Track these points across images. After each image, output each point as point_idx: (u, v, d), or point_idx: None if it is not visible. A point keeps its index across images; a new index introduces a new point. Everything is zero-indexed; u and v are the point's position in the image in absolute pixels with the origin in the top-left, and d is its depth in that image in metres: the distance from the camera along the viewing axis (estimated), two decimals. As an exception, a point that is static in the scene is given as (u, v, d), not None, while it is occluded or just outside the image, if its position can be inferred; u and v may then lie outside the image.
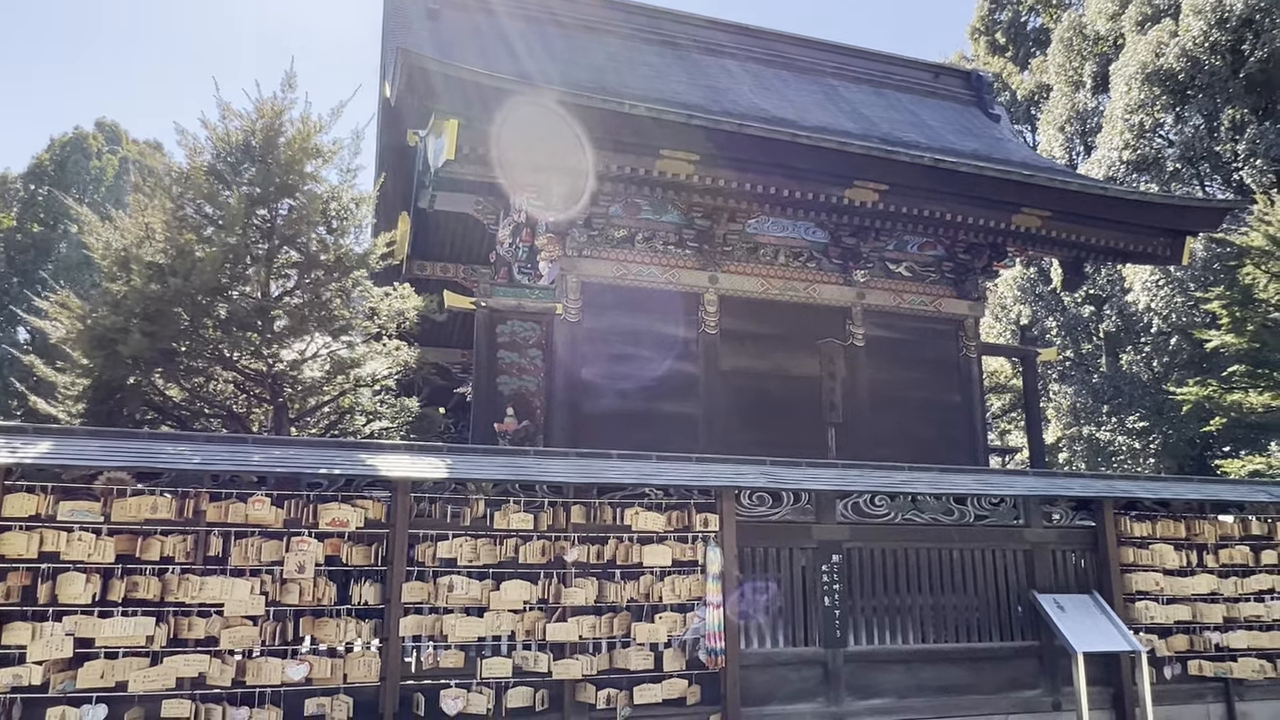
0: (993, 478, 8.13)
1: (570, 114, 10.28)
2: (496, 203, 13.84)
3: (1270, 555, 8.89)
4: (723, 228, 12.81)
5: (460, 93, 9.94)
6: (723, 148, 10.94)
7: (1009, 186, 11.98)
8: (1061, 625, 7.60)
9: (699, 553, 7.04)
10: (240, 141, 8.66)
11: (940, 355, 14.09)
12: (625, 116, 10.42)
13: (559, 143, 10.42)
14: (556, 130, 10.41)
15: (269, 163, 8.51)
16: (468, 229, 15.50)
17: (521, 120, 10.23)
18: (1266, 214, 13.45)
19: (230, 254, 7.95)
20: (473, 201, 14.44)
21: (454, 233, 15.71)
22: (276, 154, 8.53)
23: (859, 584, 7.69)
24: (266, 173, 8.46)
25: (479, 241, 15.69)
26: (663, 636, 6.81)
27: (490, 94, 9.97)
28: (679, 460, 7.44)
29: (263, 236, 8.50)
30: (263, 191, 8.44)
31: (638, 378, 12.42)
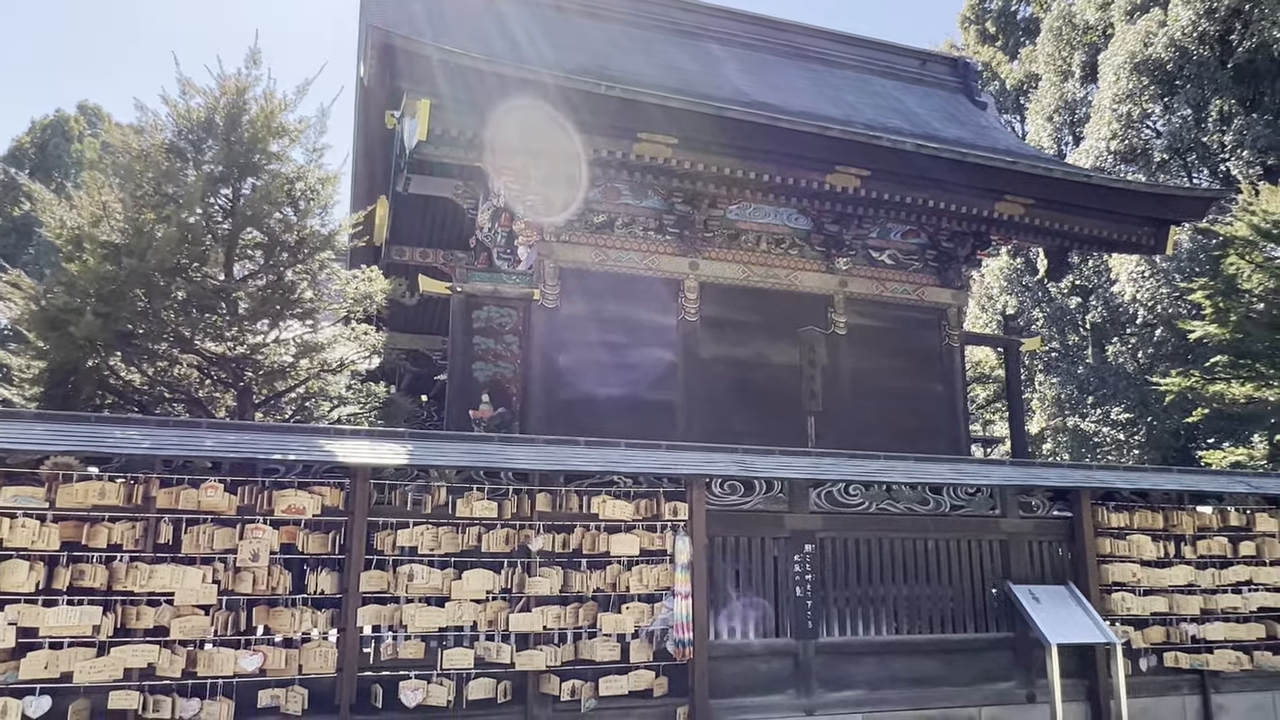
0: (969, 467, 8.01)
1: (544, 95, 10.09)
2: (476, 187, 13.63)
3: (1248, 546, 8.81)
4: (703, 213, 12.63)
5: (433, 72, 9.73)
6: (702, 131, 10.76)
7: (992, 173, 11.85)
8: (1036, 617, 7.50)
9: (668, 542, 6.89)
10: (202, 119, 8.43)
11: (923, 344, 13.97)
12: (601, 98, 10.23)
13: (534, 124, 10.23)
14: (531, 111, 10.21)
15: (232, 141, 8.28)
16: (448, 214, 15.29)
17: (495, 101, 10.03)
18: (1251, 204, 13.35)
19: (189, 233, 7.73)
20: (452, 186, 14.24)
21: (434, 218, 15.48)
22: (240, 132, 8.30)
23: (832, 574, 7.57)
24: (229, 151, 8.23)
25: (459, 227, 15.49)
26: (630, 627, 6.67)
27: (463, 74, 9.76)
28: (649, 448, 7.29)
29: (225, 216, 8.28)
30: (225, 170, 8.22)
31: (616, 365, 12.26)
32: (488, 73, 9.74)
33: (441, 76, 9.70)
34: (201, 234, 7.93)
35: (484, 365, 12.09)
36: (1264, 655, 8.59)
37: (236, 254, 8.44)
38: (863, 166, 11.42)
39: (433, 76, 9.69)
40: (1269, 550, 8.87)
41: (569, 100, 10.12)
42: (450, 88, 9.76)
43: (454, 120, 9.93)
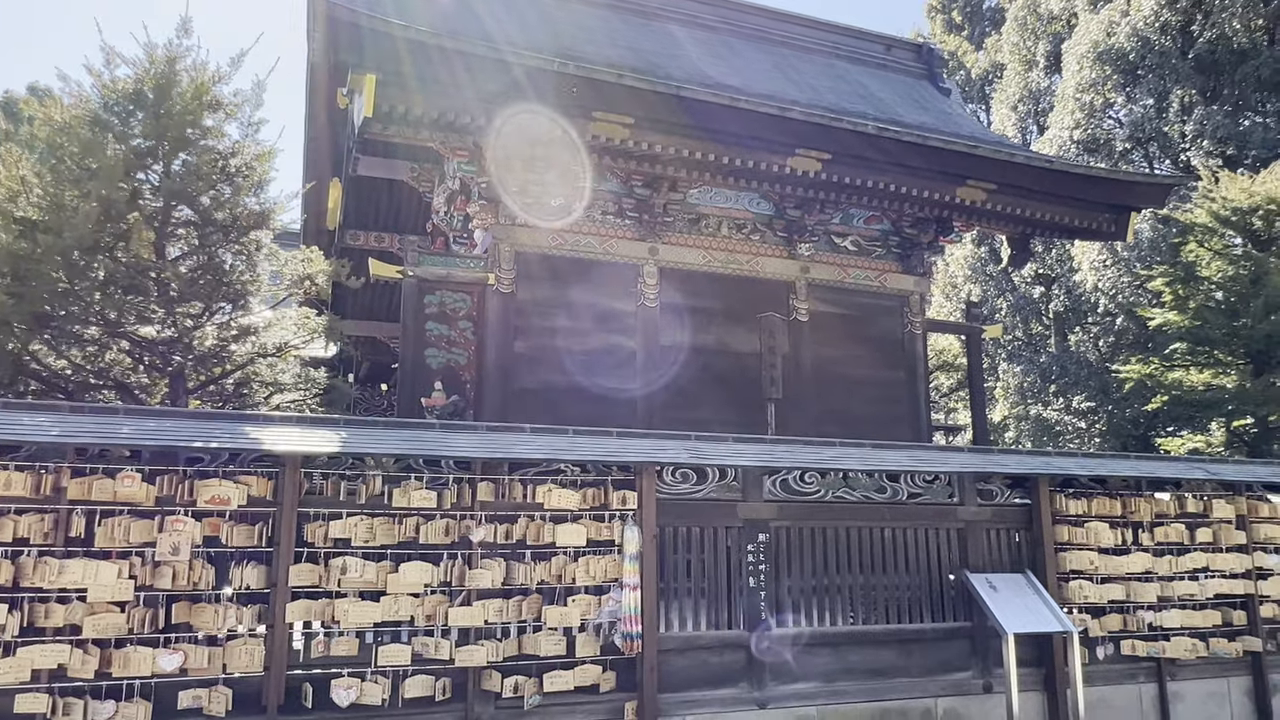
0: (926, 454, 7.86)
1: (494, 71, 9.77)
2: (432, 170, 13.28)
3: (1205, 533, 8.76)
4: (663, 197, 12.38)
5: (378, 46, 9.35)
6: (659, 111, 10.50)
7: (953, 158, 11.71)
8: (993, 605, 7.37)
9: (616, 532, 6.66)
10: (130, 90, 7.99)
11: (885, 331, 13.86)
12: (554, 75, 9.92)
13: (484, 102, 9.91)
14: (481, 89, 9.90)
15: (162, 114, 7.86)
16: (404, 197, 14.90)
17: (443, 77, 9.70)
18: (1211, 191, 13.35)
19: (111, 210, 7.32)
20: (408, 169, 13.86)
21: (389, 201, 15.08)
22: (170, 104, 7.88)
23: (786, 564, 7.37)
24: (159, 124, 7.82)
25: (416, 211, 15.11)
26: (576, 620, 6.42)
27: (409, 48, 9.40)
28: (598, 435, 7.03)
29: (154, 193, 7.87)
30: (154, 144, 7.80)
31: (574, 352, 12.00)
32: (434, 47, 9.39)
33: (387, 51, 9.34)
34: (124, 210, 7.50)
35: (437, 352, 11.75)
36: (1219, 642, 8.55)
37: (168, 233, 8.03)
38: (824, 150, 11.22)
39: (378, 50, 9.32)
40: (1225, 537, 8.83)
41: (519, 77, 9.81)
42: (396, 62, 9.40)
43: (400, 97, 9.57)
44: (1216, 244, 12.95)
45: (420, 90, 9.63)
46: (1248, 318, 11.96)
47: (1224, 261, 12.64)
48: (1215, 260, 12.83)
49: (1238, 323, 12.15)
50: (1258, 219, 12.75)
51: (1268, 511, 9.10)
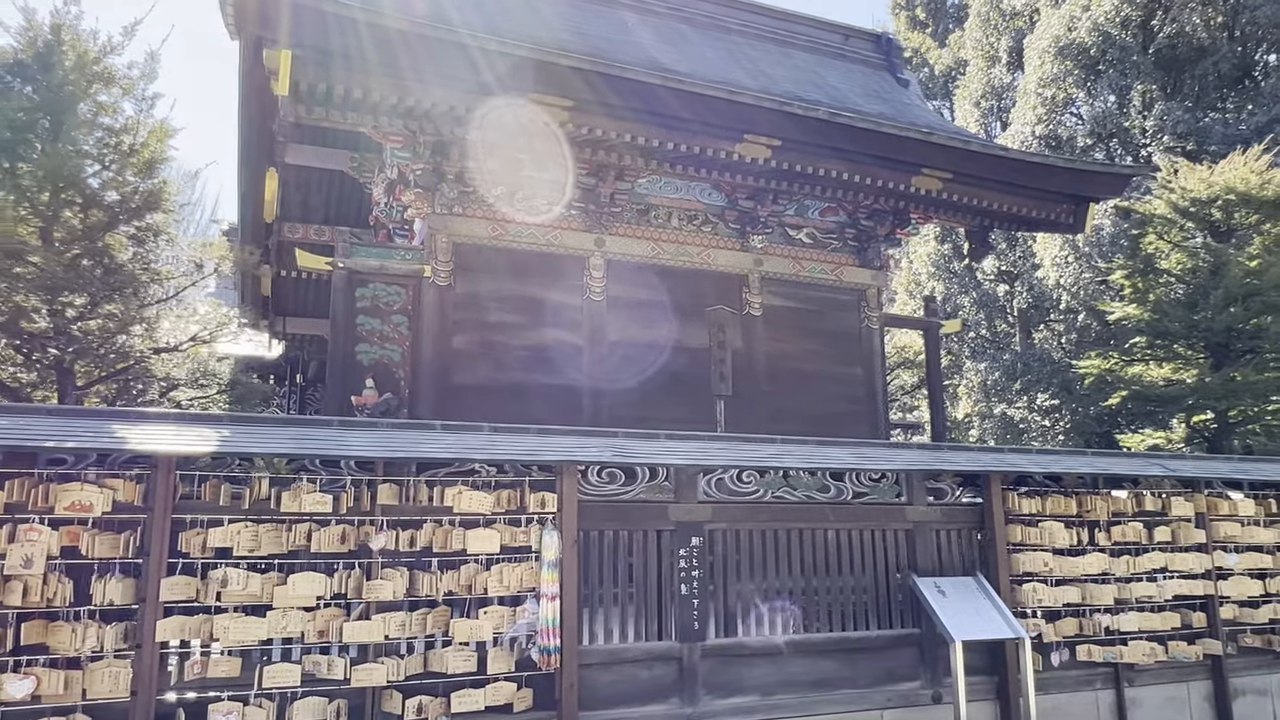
0: (872, 451, 7.42)
1: (420, 49, 9.21)
2: (372, 159, 12.70)
3: (1164, 532, 8.40)
4: (609, 186, 11.88)
5: (297, 21, 8.74)
6: (599, 93, 9.97)
7: (907, 145, 11.30)
8: (941, 611, 6.93)
9: (534, 537, 6.13)
10: (10, 61, 7.35)
11: (841, 326, 13.47)
12: (484, 54, 9.36)
13: (412, 83, 9.34)
14: (409, 68, 9.33)
15: (47, 86, 7.23)
16: (346, 189, 14.28)
17: (367, 55, 9.11)
18: (1169, 182, 13.09)
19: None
20: (347, 158, 13.24)
21: (331, 193, 14.46)
22: (53, 77, 7.26)
23: (722, 570, 6.90)
24: (43, 98, 7.18)
25: (358, 203, 14.49)
26: (488, 634, 5.89)
27: (330, 22, 8.81)
28: (515, 432, 6.50)
29: (36, 171, 7.21)
30: (36, 118, 7.16)
31: (516, 347, 11.48)
32: (356, 21, 8.81)
33: (306, 25, 8.73)
34: (5, 191, 6.87)
35: (369, 347, 11.13)
36: (1178, 645, 8.19)
37: (51, 216, 7.38)
38: (773, 136, 10.77)
39: (296, 25, 8.72)
40: (1184, 535, 8.48)
41: (447, 56, 9.26)
42: (316, 38, 8.81)
43: (321, 75, 8.98)
44: (1176, 236, 12.67)
45: (344, 69, 9.06)
46: (1207, 310, 11.69)
47: (1183, 254, 12.37)
48: (1175, 252, 12.56)
49: (1197, 315, 11.87)
50: (1216, 210, 12.48)
51: (1227, 509, 8.77)
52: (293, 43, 8.69)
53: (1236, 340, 11.82)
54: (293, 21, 8.66)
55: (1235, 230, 12.63)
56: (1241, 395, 11.56)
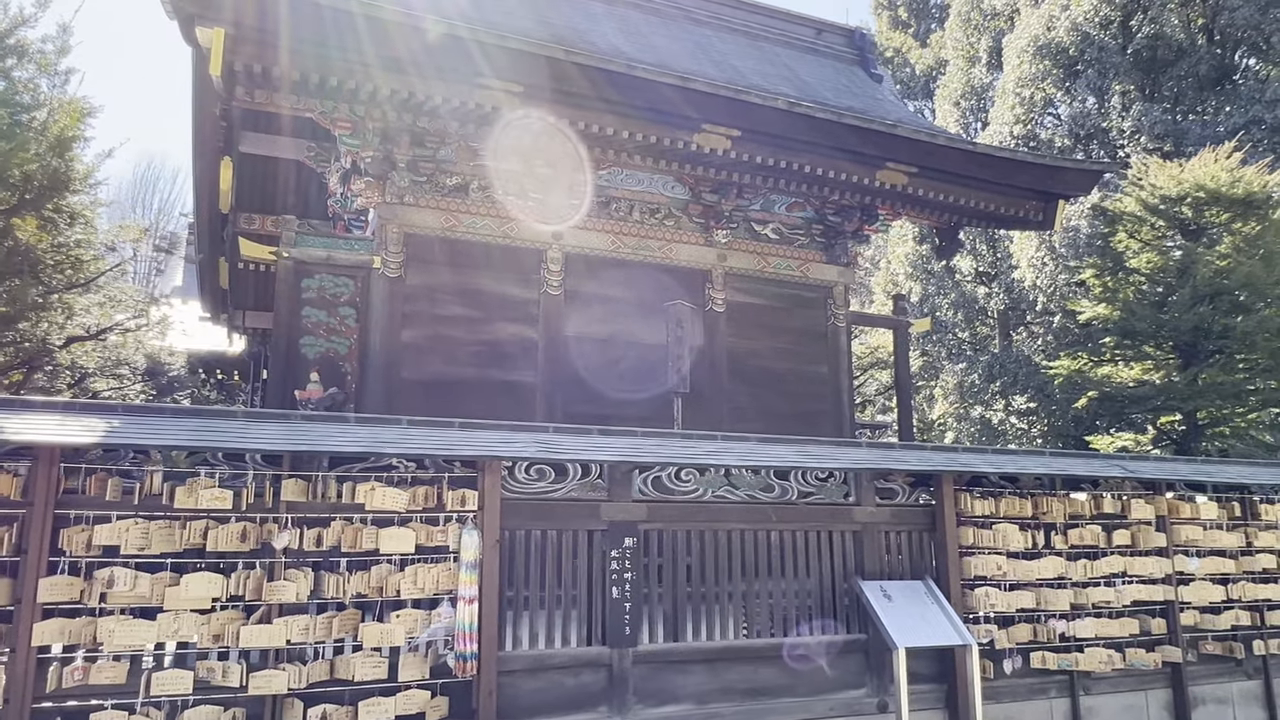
0: (817, 449, 7.13)
1: (361, 30, 8.86)
2: (330, 149, 12.33)
3: (1123, 535, 8.14)
4: (567, 177, 11.56)
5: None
6: (550, 79, 9.66)
7: (870, 137, 11.03)
8: (885, 617, 6.64)
9: (452, 537, 5.81)
10: (-89, 32, 7.00)
11: (807, 323, 13.19)
12: (429, 35, 9.02)
13: (355, 66, 8.99)
14: (351, 50, 8.97)
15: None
16: (303, 179, 13.91)
17: (307, 35, 8.76)
18: (1140, 179, 12.86)
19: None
20: (305, 147, 12.87)
21: (288, 184, 14.11)
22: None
23: (657, 572, 6.59)
24: (-52, 71, 6.85)
25: (317, 194, 14.13)
26: (399, 639, 5.57)
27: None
28: (436, 426, 6.18)
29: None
30: (-61, 93, 6.83)
31: (468, 342, 11.15)
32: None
33: (239, 1, 8.40)
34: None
35: (314, 340, 10.77)
36: (1137, 653, 7.93)
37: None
38: (733, 126, 10.47)
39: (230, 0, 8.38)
40: (1144, 539, 8.22)
41: (389, 37, 8.91)
42: (252, 15, 8.46)
43: (257, 55, 8.60)
44: (1147, 234, 12.45)
45: (281, 49, 8.70)
46: (1174, 309, 11.45)
47: (1153, 252, 12.14)
48: (1145, 251, 12.33)
49: (1165, 314, 11.64)
50: (1186, 208, 12.26)
51: (1189, 512, 8.52)
52: (226, 20, 8.35)
53: (1204, 340, 11.59)
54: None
55: (1206, 229, 12.41)
56: (1209, 396, 11.34)
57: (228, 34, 8.39)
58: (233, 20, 8.31)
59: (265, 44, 8.58)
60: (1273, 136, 18.52)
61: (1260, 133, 18.75)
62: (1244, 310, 11.04)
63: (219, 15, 8.30)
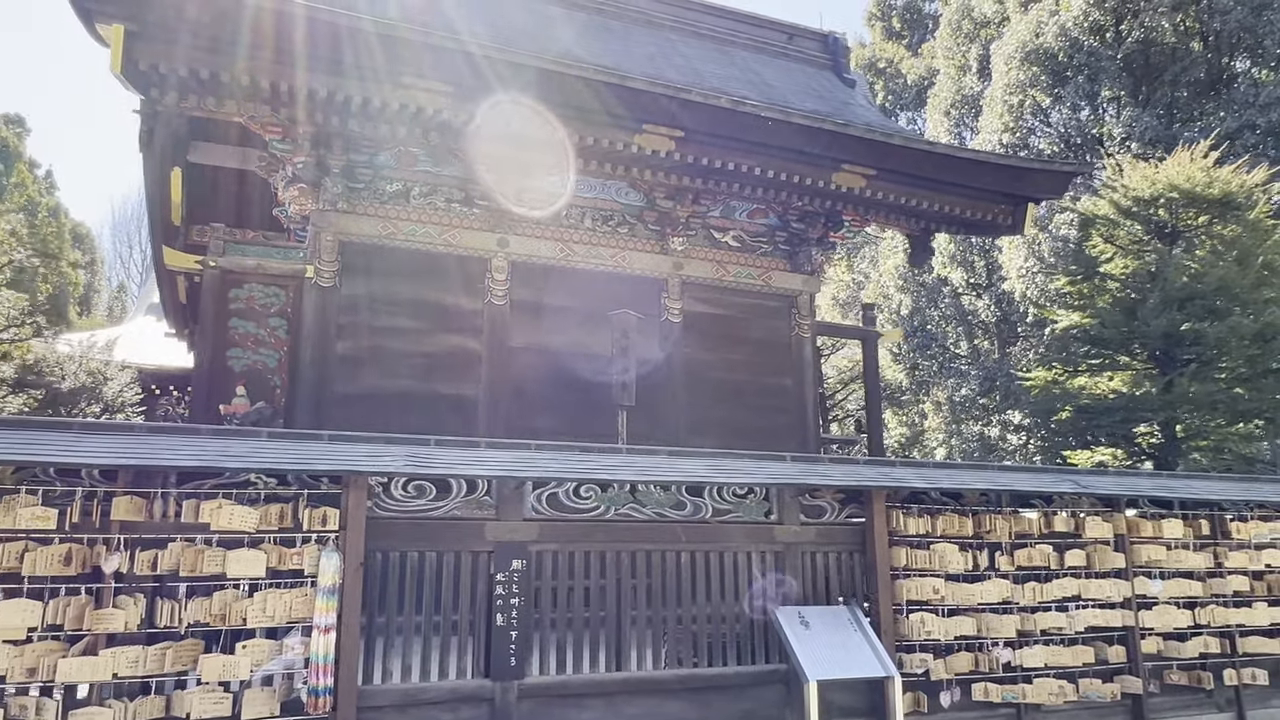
0: (732, 463, 6.60)
1: (279, 27, 8.49)
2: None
3: (1077, 556, 7.55)
4: (512, 183, 11.14)
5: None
6: (479, 78, 9.26)
7: (822, 137, 10.55)
8: (799, 646, 6.09)
9: (309, 559, 5.32)
10: None
11: (770, 334, 12.68)
12: (349, 33, 8.64)
13: (271, 63, 8.63)
14: (272, 50, 8.61)
15: None
16: (255, 190, 13.56)
17: (223, 33, 8.40)
18: (1114, 180, 12.29)
19: None
20: (257, 156, 12.51)
21: (239, 194, 13.77)
22: None
23: (549, 597, 6.07)
24: None
25: (269, 204, 13.79)
26: (244, 672, 5.07)
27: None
28: (301, 439, 5.71)
29: None
30: None
31: (408, 354, 10.73)
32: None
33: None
34: None
35: (242, 352, 10.42)
36: (1092, 683, 7.31)
37: None
38: (675, 126, 10.03)
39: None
40: (1100, 560, 7.62)
41: (303, 34, 8.53)
42: (152, 10, 8.11)
43: (163, 53, 8.27)
44: (1123, 238, 11.87)
45: (185, 46, 8.35)
46: (1145, 316, 10.84)
47: (1128, 256, 11.55)
48: (1119, 255, 11.75)
49: (1135, 321, 11.03)
50: (1161, 209, 11.68)
51: (1151, 530, 7.91)
52: (125, 15, 8.00)
53: (1177, 348, 10.98)
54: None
55: (1181, 232, 11.81)
56: (1182, 407, 10.70)
57: (128, 30, 8.04)
58: (131, 15, 7.96)
59: (169, 41, 8.22)
60: (1265, 141, 17.93)
61: (1254, 137, 18.16)
62: (1216, 315, 10.42)
63: (118, 10, 7.95)
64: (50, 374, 11.15)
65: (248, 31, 8.42)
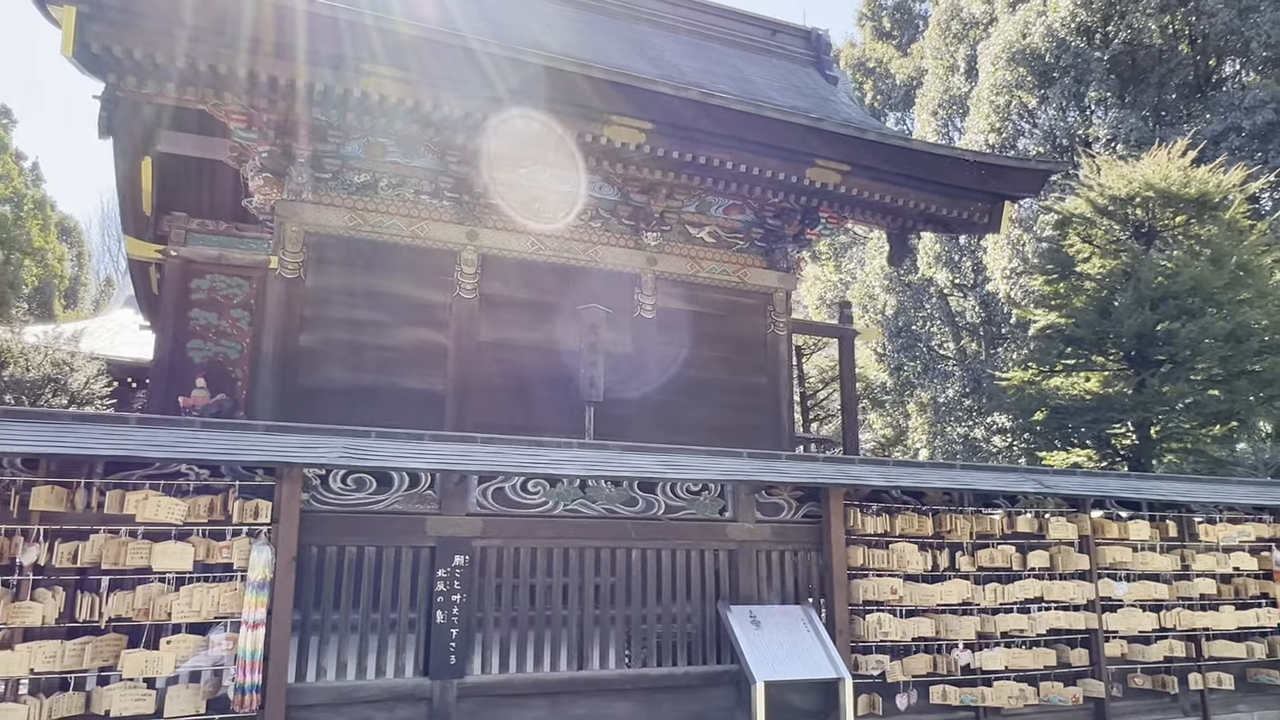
0: (685, 459, 6.47)
1: (234, 12, 8.34)
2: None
3: (1040, 557, 7.42)
4: (482, 175, 11.00)
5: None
6: (441, 65, 9.11)
7: (794, 131, 10.43)
8: (748, 646, 5.95)
9: (239, 553, 5.17)
10: None
11: (745, 331, 12.57)
12: (303, 17, 8.48)
13: (224, 48, 8.47)
14: (227, 34, 8.46)
15: None
16: (226, 180, 13.39)
17: (176, 17, 8.25)
18: (1090, 178, 12.17)
19: None
20: (227, 146, 12.35)
21: (211, 185, 13.60)
22: None
23: (492, 594, 5.92)
24: None
25: (240, 195, 13.63)
26: (168, 668, 4.91)
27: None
28: (235, 429, 5.56)
29: None
30: None
31: (373, 347, 10.60)
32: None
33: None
34: None
35: (202, 344, 10.24)
36: (1053, 687, 7.19)
37: None
38: (643, 119, 9.90)
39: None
40: (1064, 561, 7.50)
41: (265, 20, 8.37)
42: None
43: (116, 36, 8.12)
44: (1101, 238, 11.75)
45: (138, 29, 8.19)
46: (1117, 316, 10.71)
47: (1106, 256, 11.44)
48: (1096, 255, 11.63)
49: (1108, 321, 10.91)
50: (1137, 208, 11.57)
51: (1117, 531, 7.80)
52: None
53: (1149, 348, 10.85)
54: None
55: (1159, 231, 11.70)
56: (1154, 408, 10.58)
57: (80, 12, 7.88)
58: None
59: (121, 24, 8.08)
60: (1250, 143, 17.86)
61: (1239, 139, 18.08)
62: (1189, 314, 10.29)
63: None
64: (14, 363, 10.94)
65: (202, 15, 8.27)
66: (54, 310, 42.65)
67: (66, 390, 11.29)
